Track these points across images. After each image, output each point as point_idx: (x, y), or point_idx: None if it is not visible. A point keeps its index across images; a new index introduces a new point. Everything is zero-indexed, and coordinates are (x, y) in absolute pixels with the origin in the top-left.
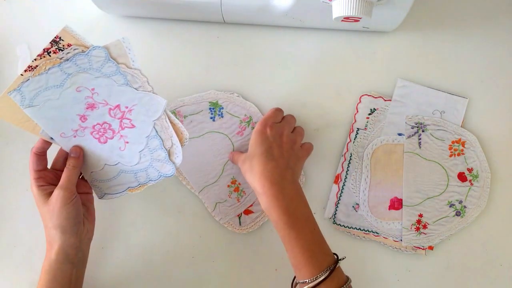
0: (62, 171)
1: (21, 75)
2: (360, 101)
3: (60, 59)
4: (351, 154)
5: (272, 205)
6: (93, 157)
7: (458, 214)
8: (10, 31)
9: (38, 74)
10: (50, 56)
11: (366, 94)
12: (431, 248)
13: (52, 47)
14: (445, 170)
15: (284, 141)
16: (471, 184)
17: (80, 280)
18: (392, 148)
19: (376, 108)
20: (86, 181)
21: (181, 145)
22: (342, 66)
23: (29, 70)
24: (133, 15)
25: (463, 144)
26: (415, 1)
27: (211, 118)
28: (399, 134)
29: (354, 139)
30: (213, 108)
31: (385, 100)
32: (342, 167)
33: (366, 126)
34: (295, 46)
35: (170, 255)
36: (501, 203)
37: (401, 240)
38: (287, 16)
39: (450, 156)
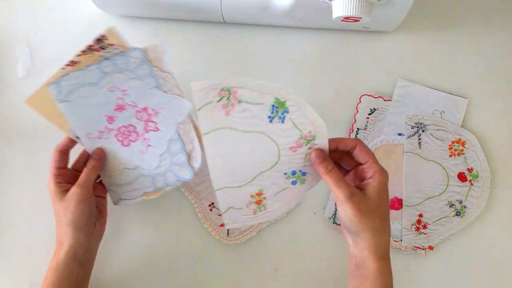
0: (81, 172)
1: (62, 69)
2: (360, 101)
3: (101, 57)
4: None
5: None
6: (114, 160)
7: (458, 214)
8: (10, 31)
9: (78, 70)
10: (92, 53)
11: (366, 94)
12: (431, 248)
13: (95, 44)
14: (445, 170)
15: None
16: (471, 184)
17: (86, 281)
18: (392, 148)
19: (376, 108)
20: (102, 185)
21: (202, 149)
22: (342, 66)
23: (71, 65)
24: (133, 15)
25: (463, 144)
26: (415, 1)
27: (269, 118)
28: (399, 134)
29: None
30: (276, 107)
31: (385, 100)
32: None
33: (366, 126)
34: (295, 46)
35: (170, 255)
36: (501, 203)
37: (401, 240)
38: (287, 16)
39: (450, 156)
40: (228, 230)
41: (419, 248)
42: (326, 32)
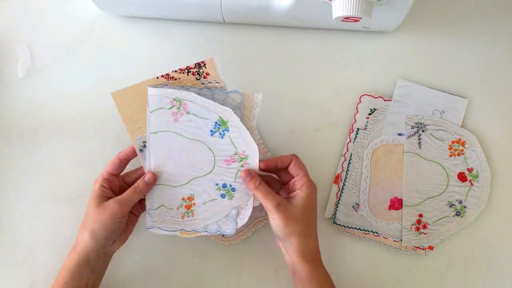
0: (130, 185)
1: (157, 77)
2: (360, 101)
3: (200, 83)
4: (351, 154)
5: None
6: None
7: (458, 214)
8: (10, 31)
9: (179, 87)
10: (188, 75)
11: (366, 94)
12: (431, 248)
13: (194, 68)
14: (445, 170)
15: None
16: (471, 184)
17: (97, 287)
18: (392, 148)
19: (376, 108)
20: (141, 203)
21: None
22: (342, 66)
23: (165, 77)
24: (133, 15)
25: (463, 144)
26: (415, 1)
27: (211, 131)
28: (399, 134)
29: (354, 139)
30: (219, 124)
31: (385, 100)
32: (342, 167)
33: (366, 126)
34: (295, 46)
35: (170, 255)
36: (501, 203)
37: (401, 240)
38: (287, 16)
39: (450, 156)
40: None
41: (419, 248)
42: (326, 32)
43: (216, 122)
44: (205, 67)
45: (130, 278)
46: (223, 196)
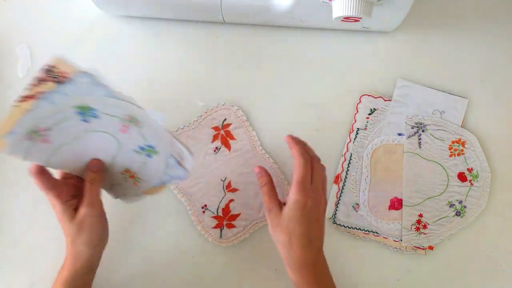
0: (75, 179)
1: (15, 106)
2: (360, 101)
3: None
4: (351, 154)
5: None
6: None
7: (458, 214)
8: (10, 31)
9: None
10: (47, 84)
11: (366, 94)
12: (431, 248)
13: (47, 76)
14: (445, 170)
15: (321, 214)
16: (471, 184)
17: (92, 283)
18: (392, 148)
19: (376, 108)
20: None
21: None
22: (342, 66)
23: (23, 100)
24: (133, 15)
25: (463, 144)
26: (415, 1)
27: (83, 120)
28: (399, 134)
29: (354, 139)
30: (82, 112)
31: (385, 100)
32: (342, 167)
33: (366, 126)
34: (295, 46)
35: (170, 255)
36: (501, 203)
37: (401, 240)
38: (287, 16)
39: (450, 156)
40: (221, 232)
41: (419, 248)
42: (326, 32)
43: (78, 113)
44: (56, 68)
45: (130, 278)
46: (149, 155)
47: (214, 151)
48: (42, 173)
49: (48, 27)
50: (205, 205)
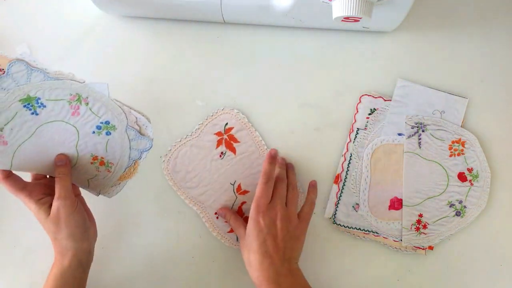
0: (46, 179)
1: None
2: (360, 101)
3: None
4: (351, 154)
5: None
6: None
7: (458, 214)
8: (10, 31)
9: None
10: None
11: (366, 94)
12: (431, 248)
13: None
14: (445, 170)
15: (279, 229)
16: (471, 184)
17: (85, 281)
18: (392, 148)
19: (376, 108)
20: (73, 184)
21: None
22: (342, 66)
23: None
24: (133, 15)
25: (463, 144)
26: (415, 1)
27: (33, 113)
28: (399, 134)
29: (354, 139)
30: (28, 104)
31: (385, 100)
32: (342, 167)
33: (366, 126)
34: (295, 46)
35: (170, 255)
36: (501, 203)
37: (401, 240)
38: (287, 16)
39: (450, 156)
40: (237, 236)
41: (419, 248)
42: (326, 32)
43: (24, 106)
44: None
45: (130, 278)
46: (108, 133)
47: (220, 156)
48: (8, 177)
49: (48, 27)
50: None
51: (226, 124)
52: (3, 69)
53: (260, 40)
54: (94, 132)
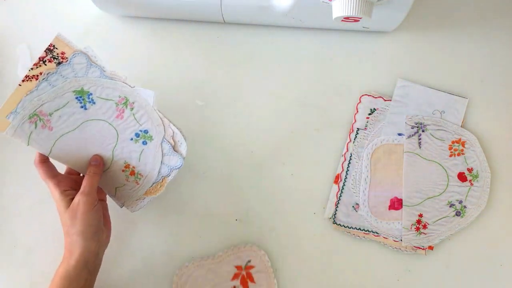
0: (77, 175)
1: (19, 85)
2: (360, 101)
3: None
4: (351, 154)
5: None
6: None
7: (458, 214)
8: (10, 31)
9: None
10: (46, 65)
11: (366, 94)
12: (431, 248)
13: (47, 55)
14: (445, 170)
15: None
16: (471, 184)
17: (92, 285)
18: (392, 148)
19: (376, 108)
20: (100, 188)
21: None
22: (342, 66)
23: (27, 79)
24: (133, 15)
25: (463, 144)
26: (415, 1)
27: (82, 107)
28: (399, 134)
29: (354, 139)
30: (80, 97)
31: (385, 100)
32: (342, 167)
33: (366, 126)
34: (295, 46)
35: (170, 255)
36: (501, 203)
37: (401, 240)
38: (287, 16)
39: (450, 156)
40: None
41: (419, 248)
42: (326, 32)
43: (76, 98)
44: (57, 48)
45: (130, 278)
46: (144, 143)
47: None
48: (44, 162)
49: (48, 27)
50: None
51: (249, 261)
52: (67, 58)
53: (260, 40)
54: (131, 139)
